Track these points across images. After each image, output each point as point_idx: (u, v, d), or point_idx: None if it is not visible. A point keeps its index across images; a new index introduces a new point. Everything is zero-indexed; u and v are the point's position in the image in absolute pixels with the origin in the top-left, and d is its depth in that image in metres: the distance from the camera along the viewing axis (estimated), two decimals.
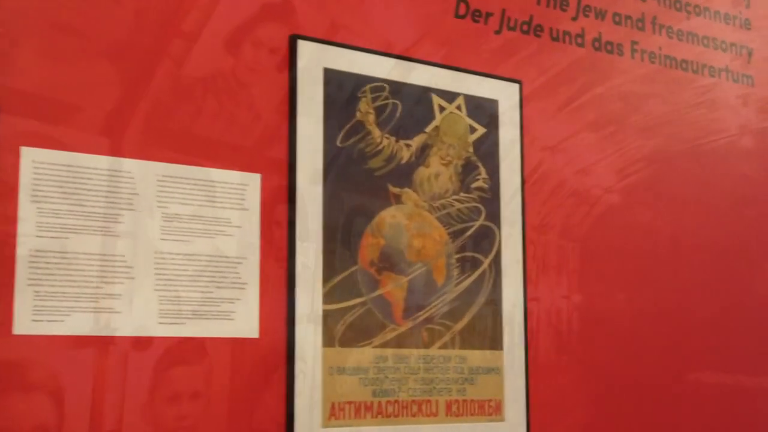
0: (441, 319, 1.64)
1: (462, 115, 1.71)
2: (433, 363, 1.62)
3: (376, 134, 1.60)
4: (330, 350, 1.51)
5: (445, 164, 1.68)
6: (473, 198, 1.70)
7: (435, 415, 1.60)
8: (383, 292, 1.58)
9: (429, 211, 1.65)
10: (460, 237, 1.68)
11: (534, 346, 1.82)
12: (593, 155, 1.98)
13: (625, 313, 2.00)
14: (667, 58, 2.05)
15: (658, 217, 2.06)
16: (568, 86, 1.91)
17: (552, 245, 1.92)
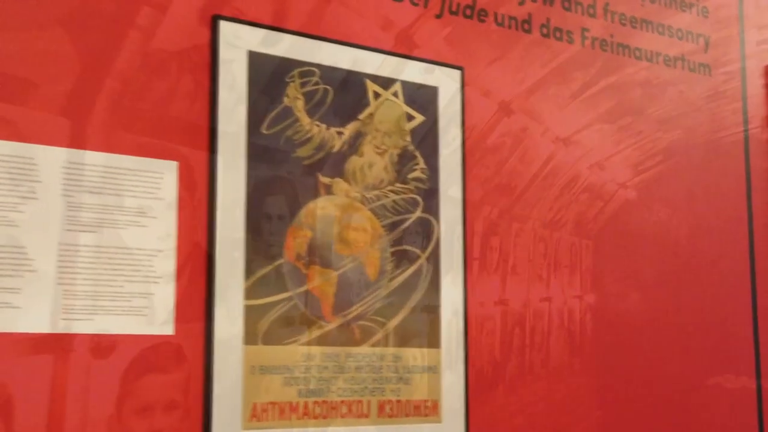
0: (374, 315, 1.56)
1: (399, 102, 1.64)
2: (365, 362, 1.54)
3: (305, 121, 1.53)
4: (252, 348, 1.43)
5: (380, 153, 1.60)
6: (410, 189, 1.63)
7: (366, 417, 1.53)
8: (311, 287, 1.50)
9: (362, 202, 1.57)
10: (396, 230, 1.60)
11: (545, 348, 1.76)
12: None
13: (641, 314, 1.95)
14: (619, 46, 1.98)
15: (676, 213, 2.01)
16: (514, 75, 1.83)
17: (564, 242, 1.86)
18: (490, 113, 1.81)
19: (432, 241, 1.64)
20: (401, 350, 1.58)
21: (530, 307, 1.83)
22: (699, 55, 2.11)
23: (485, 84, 1.79)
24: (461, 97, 1.71)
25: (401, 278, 1.59)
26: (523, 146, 1.85)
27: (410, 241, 1.62)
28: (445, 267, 1.65)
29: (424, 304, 1.61)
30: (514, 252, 1.82)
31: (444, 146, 1.68)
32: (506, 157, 1.84)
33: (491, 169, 1.81)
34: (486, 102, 1.81)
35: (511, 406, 1.77)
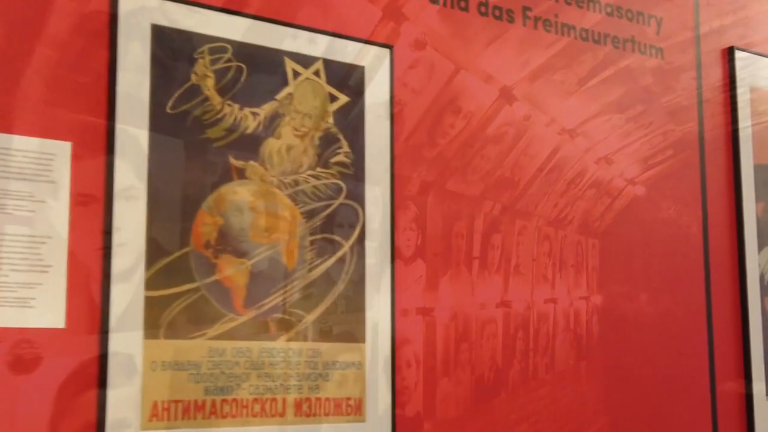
0: (291, 308, 1.47)
1: (320, 82, 1.54)
2: (281, 357, 1.45)
3: (215, 100, 1.43)
4: (153, 342, 1.33)
5: (300, 136, 1.51)
6: (332, 174, 1.53)
7: (281, 416, 1.43)
8: (221, 277, 1.41)
9: (279, 187, 1.48)
10: (316, 217, 1.51)
11: (550, 352, 1.68)
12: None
13: (650, 316, 1.87)
14: (564, 26, 1.89)
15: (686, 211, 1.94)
16: (516, 58, 1.74)
17: (569, 241, 1.79)
18: (489, 100, 1.73)
19: (357, 229, 1.55)
20: (321, 345, 1.48)
21: (534, 308, 1.76)
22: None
23: (483, 67, 1.71)
24: (390, 78, 1.61)
25: (322, 268, 1.50)
26: (527, 137, 1.77)
27: (333, 229, 1.52)
28: (372, 257, 1.56)
29: (347, 296, 1.52)
30: (516, 251, 1.74)
31: (371, 130, 1.58)
32: (508, 148, 1.76)
33: (492, 161, 1.72)
34: (485, 88, 1.73)
35: (513, 414, 1.70)
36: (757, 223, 2.08)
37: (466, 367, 1.67)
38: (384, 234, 1.57)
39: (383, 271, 1.56)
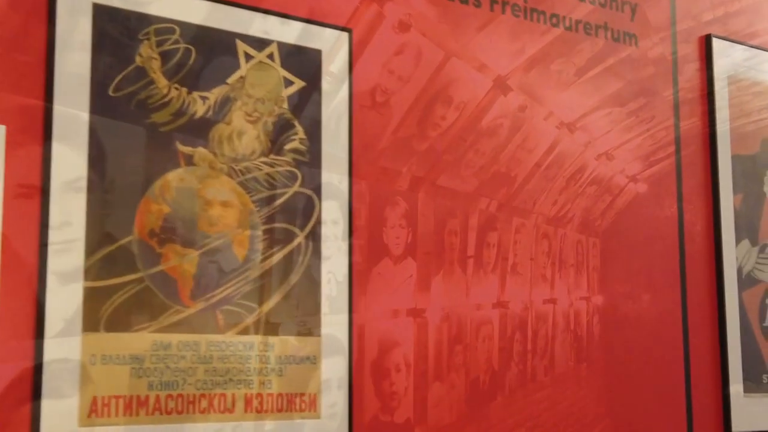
0: (242, 300, 1.41)
1: (275, 66, 1.48)
2: (230, 351, 1.39)
3: (161, 83, 1.37)
4: (92, 336, 1.27)
5: (252, 121, 1.45)
6: (287, 161, 1.48)
7: (231, 412, 1.38)
8: (166, 267, 1.35)
9: (229, 174, 1.42)
10: (269, 206, 1.45)
11: (549, 354, 1.63)
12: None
13: (653, 317, 1.83)
14: (533, 11, 1.83)
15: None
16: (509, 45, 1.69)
17: (569, 240, 1.75)
18: (483, 90, 1.68)
19: (312, 219, 1.49)
20: (274, 338, 1.43)
21: (532, 309, 1.72)
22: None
23: (475, 54, 1.66)
24: (348, 62, 1.55)
25: (275, 259, 1.44)
26: (523, 131, 1.72)
27: (286, 218, 1.47)
28: (328, 248, 1.50)
29: (301, 288, 1.46)
30: (514, 249, 1.69)
31: (328, 116, 1.52)
32: (504, 142, 1.71)
33: (487, 156, 1.67)
34: (478, 77, 1.67)
35: (510, 419, 1.65)
36: (735, 215, 2.03)
37: (460, 370, 1.61)
38: (341, 223, 1.51)
39: (340, 261, 1.50)
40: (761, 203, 2.09)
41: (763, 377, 2.02)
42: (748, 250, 2.04)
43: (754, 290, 2.04)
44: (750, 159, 2.08)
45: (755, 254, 2.05)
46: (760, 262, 2.05)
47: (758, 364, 2.01)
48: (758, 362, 2.01)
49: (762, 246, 2.07)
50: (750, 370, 1.99)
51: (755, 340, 2.02)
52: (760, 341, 2.03)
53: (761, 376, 2.01)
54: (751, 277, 2.04)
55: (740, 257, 2.02)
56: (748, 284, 2.03)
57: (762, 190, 2.09)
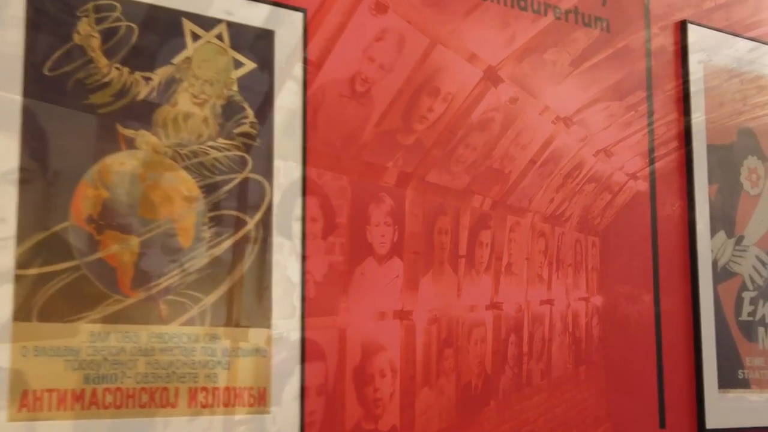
0: (187, 289, 1.35)
1: (224, 46, 1.42)
2: (174, 343, 1.33)
3: (101, 63, 1.31)
4: (24, 325, 1.21)
5: (199, 104, 1.39)
6: (236, 146, 1.42)
7: (173, 407, 1.32)
8: (104, 255, 1.29)
9: (174, 158, 1.36)
10: (217, 191, 1.39)
11: (546, 356, 1.60)
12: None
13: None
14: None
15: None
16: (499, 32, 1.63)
17: (567, 239, 1.70)
18: (472, 81, 1.62)
19: (263, 206, 1.43)
20: (221, 330, 1.37)
21: (528, 310, 1.66)
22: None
23: (463, 43, 1.60)
24: (303, 44, 1.49)
25: (223, 247, 1.38)
26: (516, 125, 1.67)
27: (235, 205, 1.41)
28: (280, 236, 1.44)
29: (251, 278, 1.40)
30: (508, 248, 1.63)
31: (281, 99, 1.46)
32: (496, 137, 1.65)
33: (478, 151, 1.62)
34: (466, 67, 1.62)
35: (505, 424, 1.61)
36: (710, 206, 1.97)
37: (450, 374, 1.56)
38: (294, 211, 1.45)
39: (293, 250, 1.44)
40: (738, 194, 2.03)
41: (739, 373, 1.96)
42: (723, 242, 1.98)
43: (729, 283, 1.98)
44: (726, 149, 2.02)
45: (731, 246, 1.99)
46: (736, 254, 2.00)
47: (734, 359, 1.96)
48: (734, 357, 1.96)
49: (738, 238, 2.01)
50: (725, 366, 1.93)
51: (731, 335, 1.96)
52: (736, 336, 1.97)
53: (737, 372, 1.96)
54: (727, 269, 1.98)
55: (716, 249, 1.96)
56: (723, 277, 1.97)
57: (739, 180, 2.04)
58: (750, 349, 1.99)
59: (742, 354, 1.97)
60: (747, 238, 2.03)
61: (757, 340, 2.01)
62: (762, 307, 2.02)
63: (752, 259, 2.02)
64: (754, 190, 2.06)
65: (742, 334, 1.98)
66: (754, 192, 2.06)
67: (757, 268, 2.03)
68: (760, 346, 2.01)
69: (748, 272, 2.01)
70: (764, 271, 2.04)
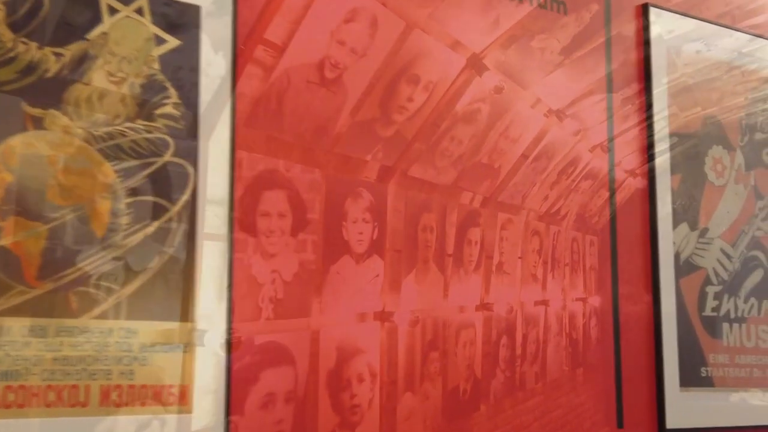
0: (100, 280, 1.26)
1: (144, 21, 1.33)
2: (85, 337, 1.24)
3: (5, 37, 1.22)
4: None
5: (116, 82, 1.30)
6: (157, 127, 1.33)
7: (84, 405, 1.23)
8: (7, 242, 1.20)
9: (87, 140, 1.27)
10: (135, 176, 1.30)
11: (540, 359, 1.55)
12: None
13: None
14: None
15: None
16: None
17: (563, 237, 1.64)
18: (455, 69, 1.54)
19: (186, 192, 1.34)
20: (138, 324, 1.28)
21: (522, 311, 1.60)
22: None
23: (442, 27, 1.52)
24: (233, 21, 1.40)
25: (140, 236, 1.29)
26: (505, 118, 1.59)
27: (155, 191, 1.32)
28: (204, 224, 1.35)
29: (172, 268, 1.31)
30: (500, 247, 1.56)
31: (207, 78, 1.38)
32: (484, 129, 1.57)
33: (465, 144, 1.54)
34: (448, 54, 1.54)
35: (497, 430, 1.54)
36: (673, 197, 1.90)
37: (436, 379, 1.48)
38: (220, 198, 1.37)
39: (219, 238, 1.36)
40: (702, 185, 1.96)
41: (702, 371, 1.89)
42: (686, 234, 1.91)
43: (692, 277, 1.91)
44: (690, 138, 1.95)
45: (695, 239, 1.92)
46: (700, 247, 1.92)
47: (696, 356, 1.88)
48: (696, 354, 1.88)
49: (702, 230, 1.94)
50: (687, 363, 1.85)
51: (693, 331, 1.89)
52: (699, 332, 1.90)
53: (700, 370, 1.88)
54: (690, 263, 1.91)
55: (678, 242, 1.89)
56: (686, 271, 1.89)
57: (703, 170, 1.96)
58: (714, 346, 1.92)
59: (705, 351, 1.90)
60: (711, 231, 1.95)
61: (721, 336, 1.93)
62: (727, 303, 1.95)
63: (717, 252, 1.95)
64: (719, 180, 1.99)
65: (705, 330, 1.91)
66: (719, 183, 1.99)
67: (721, 261, 1.95)
68: (724, 342, 1.94)
69: (712, 266, 1.94)
70: (729, 265, 1.97)
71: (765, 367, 1.97)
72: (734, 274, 1.97)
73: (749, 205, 2.02)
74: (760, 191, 2.05)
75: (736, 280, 1.97)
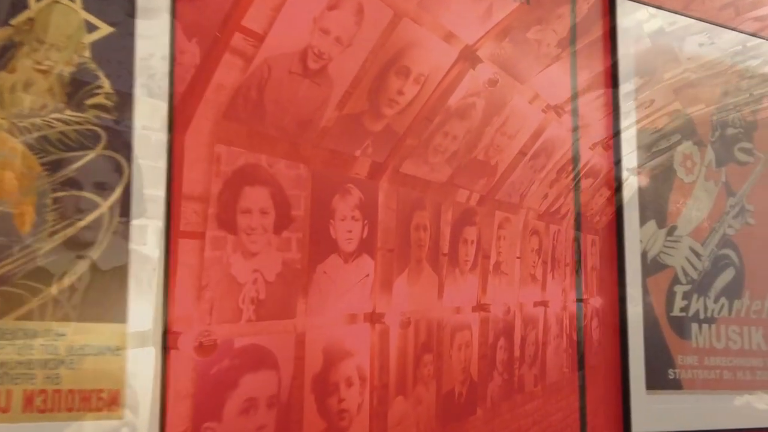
0: (25, 279, 1.19)
1: (74, 7, 1.27)
2: (7, 339, 1.17)
3: None
4: None
5: (43, 71, 1.23)
6: (87, 119, 1.26)
7: (5, 411, 1.16)
8: None
9: (11, 132, 1.20)
10: (63, 170, 1.24)
11: (540, 361, 1.51)
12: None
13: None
14: None
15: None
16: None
17: (564, 237, 1.60)
18: (447, 61, 1.48)
19: (119, 187, 1.28)
20: (66, 325, 1.21)
21: (520, 312, 1.56)
22: None
23: (432, 15, 1.45)
24: (171, 6, 1.34)
25: (69, 232, 1.23)
26: (502, 113, 1.54)
27: (85, 185, 1.25)
28: (141, 220, 1.29)
29: (104, 267, 1.25)
30: (497, 246, 1.52)
31: (143, 68, 1.31)
32: (479, 125, 1.51)
33: (459, 140, 1.49)
34: (439, 45, 1.47)
35: None
36: (640, 194, 1.84)
37: (429, 382, 1.42)
38: (156, 192, 1.30)
39: (153, 234, 1.29)
40: (670, 181, 1.90)
41: (670, 373, 1.83)
42: (654, 232, 1.85)
43: (660, 276, 1.85)
44: (658, 132, 1.89)
45: (663, 237, 1.86)
46: (668, 245, 1.87)
47: (664, 357, 1.83)
48: (664, 356, 1.83)
49: (671, 228, 1.88)
50: (654, 365, 1.80)
51: (661, 331, 1.83)
52: (666, 333, 1.84)
53: (667, 372, 1.83)
54: (658, 261, 1.85)
55: (645, 240, 1.83)
56: (653, 269, 1.84)
57: (672, 167, 1.91)
58: (682, 347, 1.86)
59: (673, 352, 1.85)
60: (680, 229, 1.90)
61: (690, 337, 1.88)
62: (696, 302, 1.89)
63: (686, 250, 1.90)
64: (689, 177, 1.93)
65: (673, 331, 1.85)
66: (688, 179, 1.93)
67: (690, 260, 1.90)
68: (693, 344, 1.88)
69: (680, 264, 1.88)
70: (699, 264, 1.91)
71: (735, 369, 1.91)
72: (704, 274, 1.92)
73: (720, 202, 1.97)
74: (732, 188, 2.00)
75: (705, 279, 1.92)
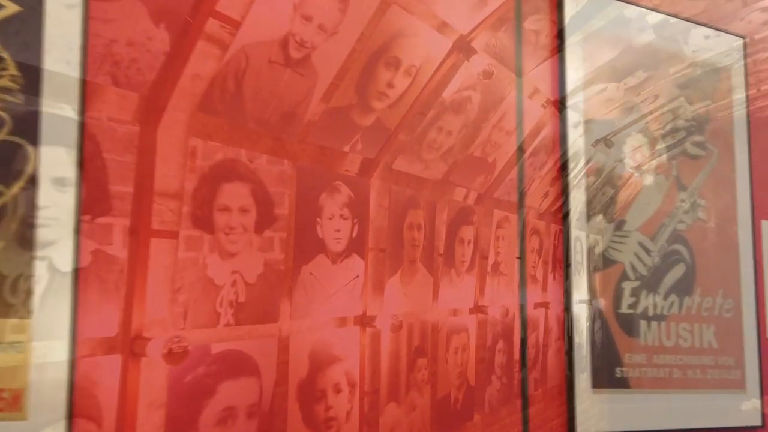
0: None
1: None
2: None
3: None
4: None
5: None
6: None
7: None
8: None
9: None
10: None
11: (541, 364, 1.49)
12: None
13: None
14: None
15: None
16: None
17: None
18: (440, 52, 1.42)
19: (24, 173, 1.21)
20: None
21: (520, 314, 1.53)
22: None
23: (425, 3, 1.39)
24: None
25: None
26: (500, 108, 1.49)
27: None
28: (48, 210, 1.22)
29: (6, 260, 1.18)
30: (495, 246, 1.48)
31: (53, 48, 1.24)
32: (475, 120, 1.45)
33: (454, 136, 1.44)
34: (432, 35, 1.41)
35: None
36: (586, 187, 1.79)
37: (423, 388, 1.37)
38: (67, 177, 1.23)
39: (64, 231, 1.23)
40: (619, 174, 1.86)
41: (617, 371, 1.78)
42: (602, 227, 1.80)
43: (608, 272, 1.80)
44: (608, 124, 1.85)
45: (610, 231, 1.81)
46: (616, 240, 1.82)
47: (611, 355, 1.78)
48: (611, 353, 1.78)
49: (619, 222, 1.83)
50: (601, 364, 1.75)
51: (608, 328, 1.78)
52: (614, 330, 1.79)
53: (614, 370, 1.78)
54: (605, 257, 1.80)
55: (592, 235, 1.78)
56: (601, 265, 1.79)
57: (620, 158, 1.86)
58: (630, 345, 1.82)
59: (620, 350, 1.80)
60: (629, 223, 1.85)
61: (638, 335, 1.84)
62: (645, 299, 1.85)
63: (634, 245, 1.85)
64: (638, 170, 1.89)
65: (621, 328, 1.81)
66: (638, 173, 1.89)
67: (639, 255, 1.86)
68: (641, 341, 1.84)
69: (629, 260, 1.84)
70: (648, 260, 1.87)
71: (685, 368, 1.87)
72: (653, 269, 1.87)
73: (671, 196, 1.93)
74: (683, 182, 1.96)
75: (655, 275, 1.87)
